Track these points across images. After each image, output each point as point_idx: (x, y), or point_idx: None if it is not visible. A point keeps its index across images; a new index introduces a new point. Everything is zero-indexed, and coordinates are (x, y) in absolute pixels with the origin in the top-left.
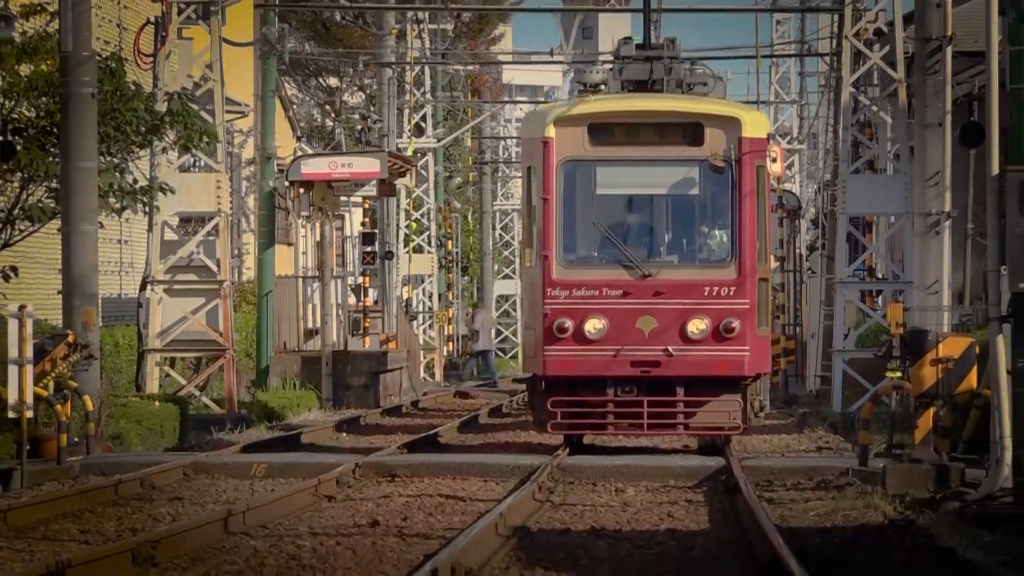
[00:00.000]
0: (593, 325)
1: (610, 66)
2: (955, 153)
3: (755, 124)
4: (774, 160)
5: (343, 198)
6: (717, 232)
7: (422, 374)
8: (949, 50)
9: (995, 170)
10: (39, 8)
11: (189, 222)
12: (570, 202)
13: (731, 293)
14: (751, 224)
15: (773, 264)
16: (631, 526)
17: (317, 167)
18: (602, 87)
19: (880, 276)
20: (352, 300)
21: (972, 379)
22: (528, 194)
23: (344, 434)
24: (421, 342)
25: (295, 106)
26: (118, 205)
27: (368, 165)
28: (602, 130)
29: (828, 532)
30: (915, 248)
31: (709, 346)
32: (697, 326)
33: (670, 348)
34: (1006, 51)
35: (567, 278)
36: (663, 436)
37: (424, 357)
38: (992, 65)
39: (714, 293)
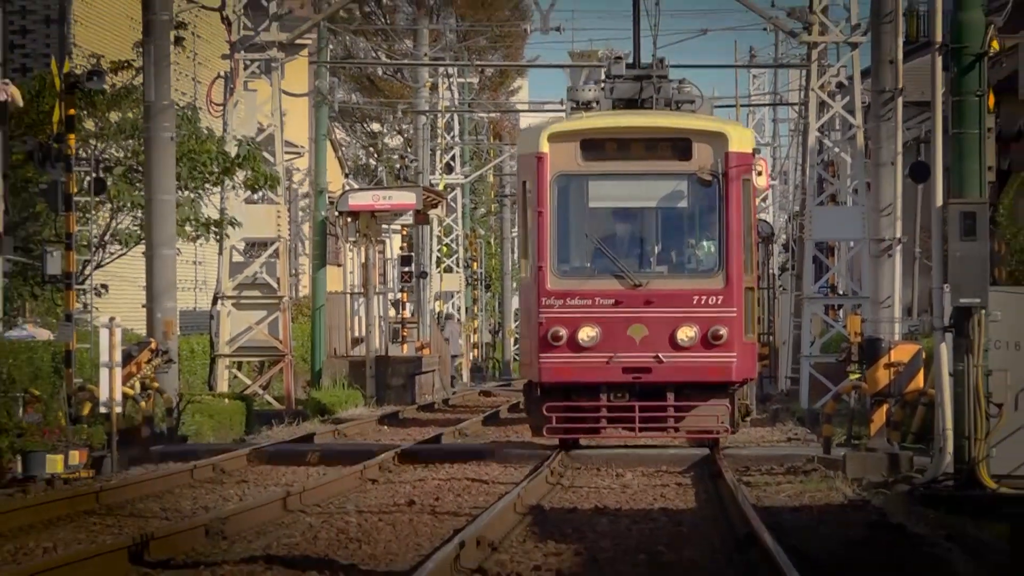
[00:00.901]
0: (586, 333)
1: (602, 85)
2: (905, 188)
3: (741, 139)
4: (760, 174)
5: (384, 226)
6: (705, 243)
7: (452, 376)
8: (900, 100)
9: (939, 202)
10: (126, 64)
11: (253, 246)
12: (563, 215)
13: (719, 302)
14: (738, 235)
15: None
16: (629, 505)
17: (362, 199)
18: (594, 105)
19: (841, 292)
20: (392, 313)
21: (919, 380)
22: (524, 207)
23: (385, 426)
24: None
25: (343, 147)
26: (194, 234)
27: (406, 198)
28: (594, 145)
29: (797, 510)
30: (870, 269)
31: (698, 353)
32: (686, 334)
33: (660, 355)
34: (949, 101)
35: (561, 288)
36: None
37: (455, 362)
38: (937, 113)
39: (702, 302)
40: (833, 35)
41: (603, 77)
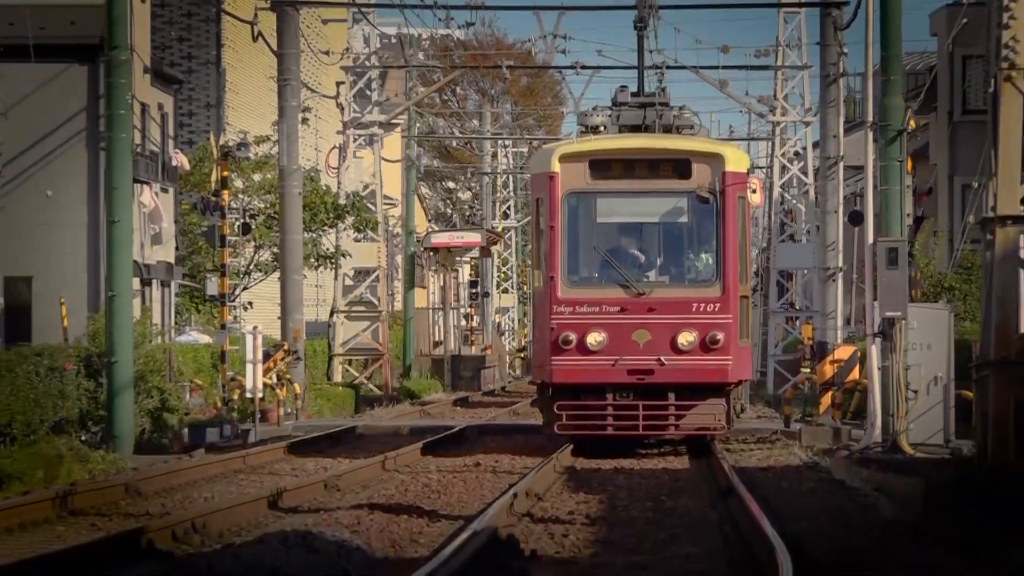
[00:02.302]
0: (594, 338)
1: (609, 112)
2: (845, 230)
3: (737, 160)
4: (754, 191)
5: (457, 258)
6: (703, 255)
7: (507, 370)
8: (841, 165)
9: (870, 240)
10: (266, 138)
11: (360, 273)
12: (573, 229)
13: (716, 309)
14: (733, 248)
15: None
16: (640, 467)
17: (441, 239)
18: (601, 129)
19: (797, 307)
20: (463, 323)
21: (856, 373)
22: (536, 222)
23: (458, 407)
24: (507, 349)
25: (427, 200)
26: (315, 264)
27: (473, 237)
28: (601, 165)
29: (765, 470)
30: (819, 290)
31: (697, 356)
32: (686, 338)
33: (662, 358)
34: (877, 165)
35: (571, 296)
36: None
37: (509, 359)
38: (868, 174)
39: (701, 309)
40: (791, 116)
41: (610, 105)
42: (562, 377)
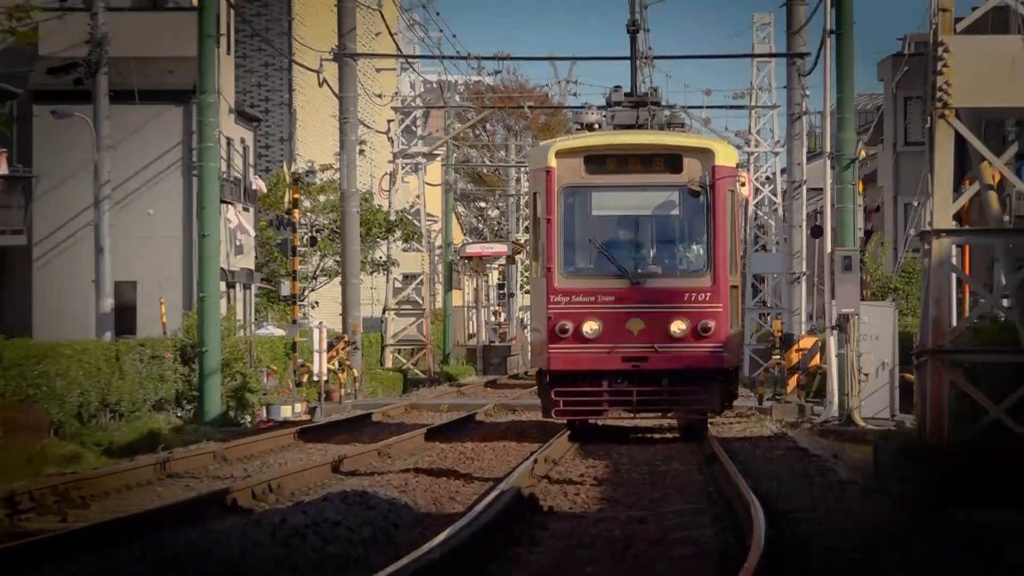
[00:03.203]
0: (590, 326)
1: (604, 112)
2: (808, 241)
3: (726, 155)
4: (743, 185)
5: (488, 265)
6: (695, 246)
7: (529, 358)
8: (804, 187)
9: (828, 250)
10: (329, 166)
11: (407, 277)
12: (569, 222)
13: (707, 298)
14: (724, 239)
15: None
16: (639, 437)
17: (474, 249)
18: (596, 126)
19: (769, 305)
20: (492, 318)
21: (817, 359)
22: (534, 216)
23: (488, 388)
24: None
25: (462, 216)
26: (371, 270)
27: (501, 248)
28: (596, 160)
29: (742, 440)
30: (787, 291)
31: (689, 343)
32: (679, 326)
33: (656, 346)
34: (834, 188)
35: (567, 286)
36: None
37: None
38: (827, 195)
39: (693, 298)
40: (763, 147)
41: (605, 105)
42: (559, 364)
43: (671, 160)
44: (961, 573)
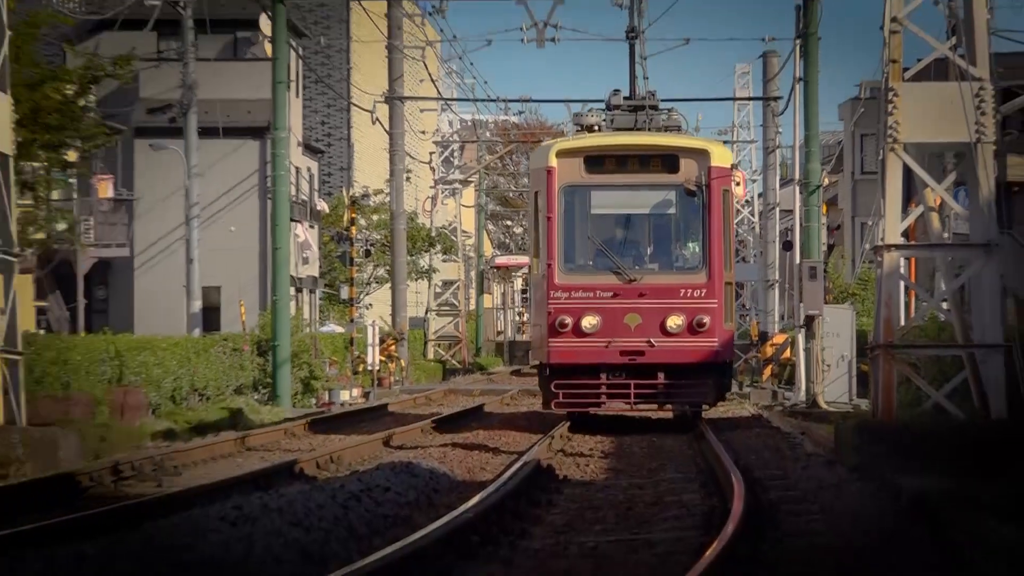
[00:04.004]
0: (588, 321)
1: (604, 115)
2: (780, 254)
3: (722, 155)
4: (738, 184)
5: (513, 273)
6: (690, 244)
7: None
8: (777, 209)
9: (798, 261)
10: (381, 191)
11: (446, 284)
12: (569, 220)
13: (702, 294)
14: (719, 237)
15: None
16: (639, 416)
17: (502, 260)
18: (596, 128)
19: (747, 307)
20: (517, 318)
21: (788, 352)
22: (535, 214)
23: (514, 376)
24: None
25: (492, 232)
26: (416, 278)
27: (524, 259)
28: (595, 160)
29: (725, 420)
30: (763, 295)
31: (684, 338)
32: (675, 322)
33: (652, 340)
34: (802, 209)
35: (567, 282)
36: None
37: None
38: (796, 216)
39: (688, 294)
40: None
41: (605, 108)
42: (559, 358)
43: (668, 160)
44: (908, 531)
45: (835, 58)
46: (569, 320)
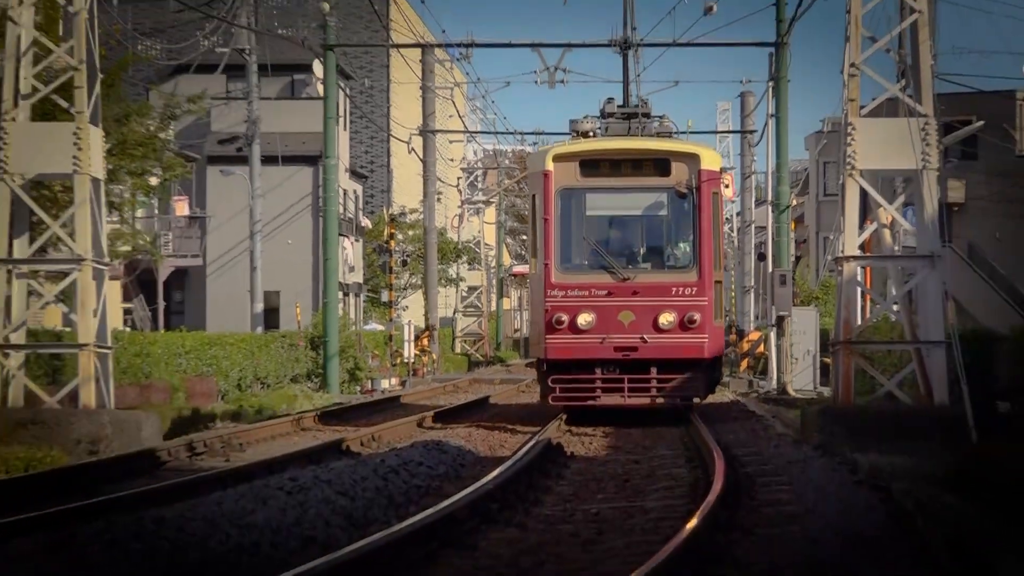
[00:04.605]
0: (584, 318)
1: (599, 123)
2: (755, 264)
3: (711, 159)
4: (727, 186)
5: (528, 280)
6: (681, 244)
7: None
8: (753, 226)
9: (771, 270)
10: (416, 210)
11: (471, 289)
12: (566, 221)
13: (693, 292)
14: (708, 238)
15: None
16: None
17: (519, 269)
18: (591, 133)
19: (727, 310)
20: None
21: (762, 347)
22: (533, 216)
23: (529, 368)
24: None
25: (510, 246)
26: (445, 284)
27: None
28: (590, 164)
29: (708, 405)
30: (740, 300)
31: (676, 334)
32: (666, 318)
33: (645, 336)
34: (774, 226)
35: (563, 281)
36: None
37: None
38: (769, 231)
39: (680, 292)
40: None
41: (599, 115)
42: (555, 354)
43: (660, 164)
44: (858, 491)
45: (802, 97)
46: (565, 317)
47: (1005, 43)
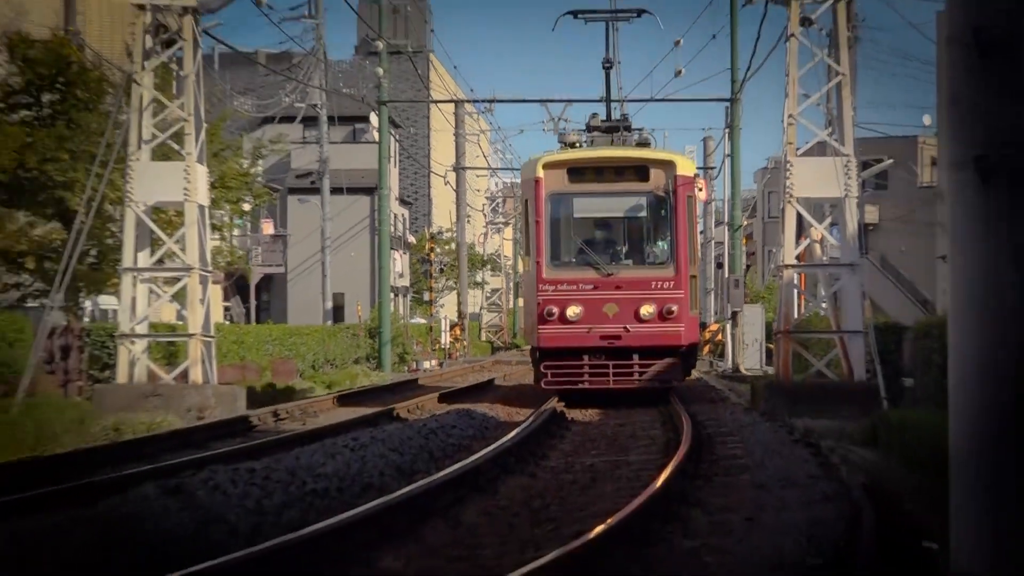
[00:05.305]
0: (573, 310)
1: (585, 136)
2: (715, 272)
3: (685, 166)
4: (700, 190)
5: None
6: (659, 242)
7: None
8: (712, 241)
9: (726, 276)
10: (450, 230)
11: (494, 291)
12: (555, 223)
13: (670, 286)
14: (684, 236)
15: None
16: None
17: None
18: (577, 144)
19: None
20: None
21: (720, 336)
22: (526, 218)
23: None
24: None
25: (523, 257)
26: (473, 287)
27: None
28: (577, 171)
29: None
30: (703, 299)
31: (655, 324)
32: (647, 310)
33: (628, 326)
34: (730, 242)
35: (554, 277)
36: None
37: None
38: (726, 245)
39: (658, 286)
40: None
41: (585, 129)
42: (547, 342)
43: (640, 170)
44: (795, 447)
45: (752, 140)
46: (556, 310)
47: (910, 99)
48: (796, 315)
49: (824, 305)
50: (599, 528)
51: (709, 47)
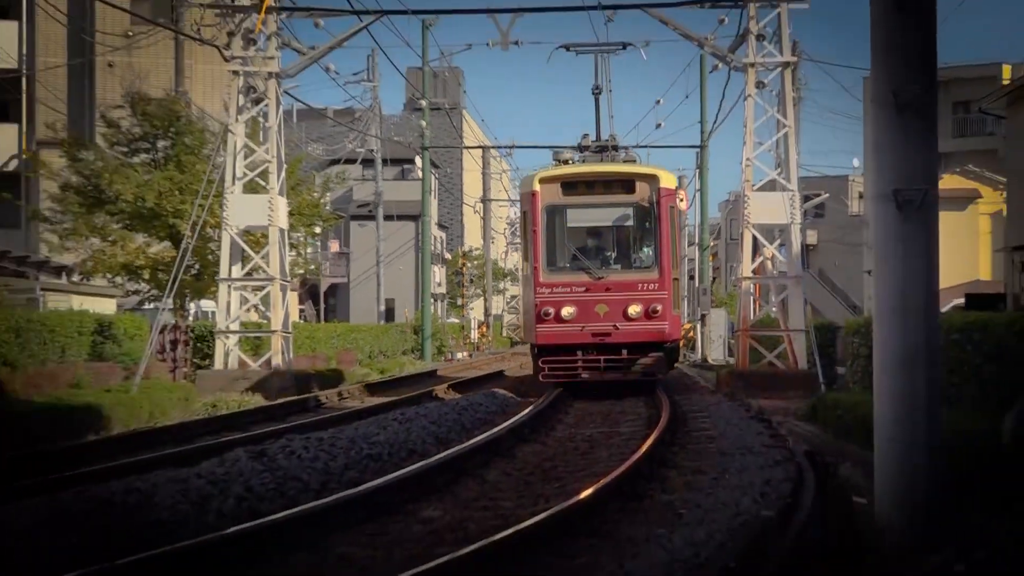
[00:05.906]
0: (567, 311)
1: (577, 155)
2: (687, 282)
3: (668, 179)
4: (682, 200)
5: None
6: (645, 249)
7: None
8: (686, 258)
9: (697, 285)
10: (477, 248)
11: (514, 297)
12: (551, 232)
13: (655, 288)
14: (667, 243)
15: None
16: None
17: None
18: (569, 161)
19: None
20: None
21: (692, 333)
22: (524, 227)
23: None
24: None
25: None
26: (496, 293)
27: None
28: (571, 185)
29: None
30: (683, 304)
31: (642, 322)
32: (634, 309)
33: (617, 324)
34: (700, 259)
35: (550, 280)
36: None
37: None
38: (697, 262)
39: (644, 288)
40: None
41: (577, 148)
42: (545, 340)
43: (626, 184)
44: (751, 422)
45: (718, 178)
46: (552, 310)
47: (842, 145)
48: (752, 317)
49: (774, 309)
50: (595, 485)
51: (683, 105)
